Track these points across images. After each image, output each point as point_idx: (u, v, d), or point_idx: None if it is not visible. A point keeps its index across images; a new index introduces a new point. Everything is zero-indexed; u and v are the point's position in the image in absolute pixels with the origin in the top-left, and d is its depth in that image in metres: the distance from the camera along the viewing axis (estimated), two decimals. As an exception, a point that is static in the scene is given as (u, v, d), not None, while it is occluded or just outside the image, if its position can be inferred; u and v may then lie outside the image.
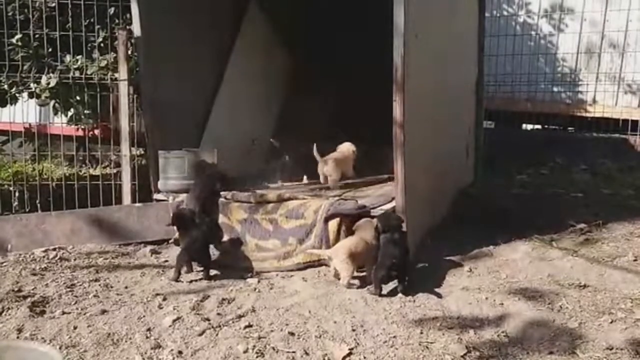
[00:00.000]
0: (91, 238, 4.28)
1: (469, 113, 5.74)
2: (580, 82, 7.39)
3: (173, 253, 3.99)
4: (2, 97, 5.05)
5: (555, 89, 7.51)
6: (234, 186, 4.44)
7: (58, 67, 4.92)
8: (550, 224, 4.49)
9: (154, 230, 4.33)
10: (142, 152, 5.52)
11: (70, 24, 4.94)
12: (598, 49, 7.22)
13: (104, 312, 3.10)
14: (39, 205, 5.02)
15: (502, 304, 3.19)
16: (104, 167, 6.80)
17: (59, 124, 5.30)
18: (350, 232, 3.75)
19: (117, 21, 5.06)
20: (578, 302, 3.20)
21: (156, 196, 4.60)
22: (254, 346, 2.70)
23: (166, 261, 4.01)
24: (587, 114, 7.26)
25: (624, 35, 7.02)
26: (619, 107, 7.03)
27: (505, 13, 7.75)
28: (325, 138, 4.97)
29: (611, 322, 2.95)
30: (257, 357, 2.62)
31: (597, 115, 7.08)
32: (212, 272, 3.70)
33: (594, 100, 7.26)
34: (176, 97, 4.81)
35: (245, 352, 2.66)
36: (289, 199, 4.12)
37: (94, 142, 5.61)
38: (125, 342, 2.77)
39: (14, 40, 4.90)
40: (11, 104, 5.10)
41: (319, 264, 3.77)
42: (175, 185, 4.50)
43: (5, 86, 4.95)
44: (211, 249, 3.88)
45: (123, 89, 4.82)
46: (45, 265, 3.86)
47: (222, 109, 5.49)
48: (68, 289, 3.43)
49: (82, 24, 4.94)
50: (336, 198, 4.11)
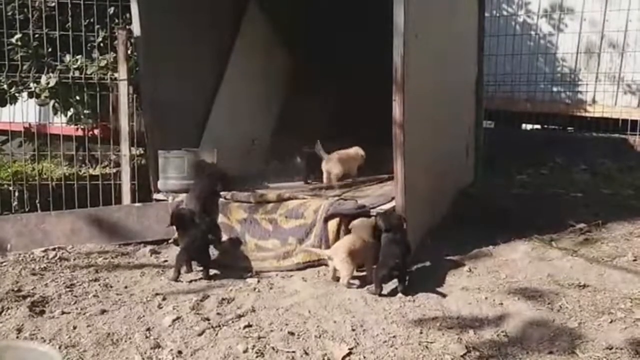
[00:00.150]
0: (91, 238, 4.28)
1: (468, 113, 5.74)
2: (579, 82, 7.39)
3: (173, 253, 4.00)
4: (1, 97, 5.04)
5: (554, 89, 7.51)
6: (234, 186, 4.43)
7: (58, 67, 4.91)
8: (550, 223, 4.49)
9: (153, 230, 4.33)
10: (141, 151, 5.51)
11: (70, 23, 4.93)
12: (598, 48, 7.23)
13: (103, 312, 3.11)
14: (38, 205, 5.01)
15: (501, 304, 3.19)
16: (103, 167, 6.79)
17: (59, 123, 5.29)
18: (349, 232, 3.74)
19: (116, 21, 5.05)
20: (578, 302, 3.20)
21: (156, 196, 4.59)
22: (254, 346, 2.70)
23: (166, 261, 4.01)
24: (586, 114, 7.27)
25: (623, 35, 7.03)
26: (619, 107, 7.04)
27: (504, 13, 7.75)
28: (325, 138, 4.97)
29: (611, 321, 2.95)
30: (256, 357, 2.62)
31: (597, 115, 7.09)
32: (211, 272, 3.70)
33: (594, 100, 7.27)
34: (176, 97, 4.80)
35: (245, 352, 2.66)
36: (288, 199, 4.12)
37: (93, 142, 5.60)
38: (125, 342, 2.77)
39: (13, 40, 4.90)
40: (11, 104, 5.09)
41: (318, 263, 3.77)
42: (175, 185, 4.49)
43: (5, 86, 4.95)
44: (211, 248, 3.88)
45: (123, 88, 4.81)
46: (44, 265, 3.86)
47: (222, 109, 5.48)
48: (68, 289, 3.43)
49: (81, 23, 4.94)
50: (336, 198, 4.11)
